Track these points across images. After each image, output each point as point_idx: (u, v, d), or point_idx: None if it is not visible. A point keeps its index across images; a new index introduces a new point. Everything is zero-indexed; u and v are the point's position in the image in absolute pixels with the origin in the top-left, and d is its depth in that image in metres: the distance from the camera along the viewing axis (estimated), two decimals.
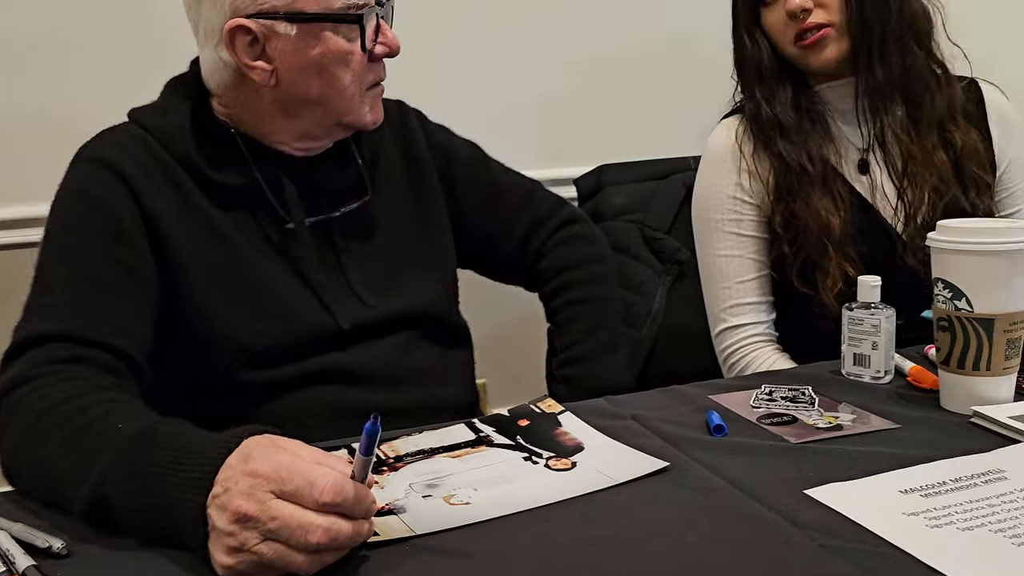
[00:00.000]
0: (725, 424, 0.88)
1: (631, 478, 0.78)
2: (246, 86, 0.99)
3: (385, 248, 1.09)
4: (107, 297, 0.92)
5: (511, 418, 0.94)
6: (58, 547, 0.68)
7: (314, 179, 1.04)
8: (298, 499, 0.61)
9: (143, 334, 0.93)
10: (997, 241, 0.88)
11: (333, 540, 0.61)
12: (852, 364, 1.03)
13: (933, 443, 0.84)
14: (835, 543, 0.66)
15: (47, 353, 0.86)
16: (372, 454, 0.64)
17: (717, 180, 1.29)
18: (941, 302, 0.92)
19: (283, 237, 1.01)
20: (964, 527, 0.68)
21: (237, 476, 0.62)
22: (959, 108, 1.25)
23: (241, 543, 0.61)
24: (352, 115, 1.01)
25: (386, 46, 0.99)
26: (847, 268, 1.19)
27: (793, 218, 1.23)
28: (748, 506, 0.73)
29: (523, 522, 0.72)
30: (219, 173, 0.99)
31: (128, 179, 0.95)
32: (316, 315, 1.00)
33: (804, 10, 1.20)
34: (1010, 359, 0.90)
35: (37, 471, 0.76)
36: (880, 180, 1.25)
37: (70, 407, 0.78)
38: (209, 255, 0.97)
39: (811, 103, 1.26)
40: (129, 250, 0.94)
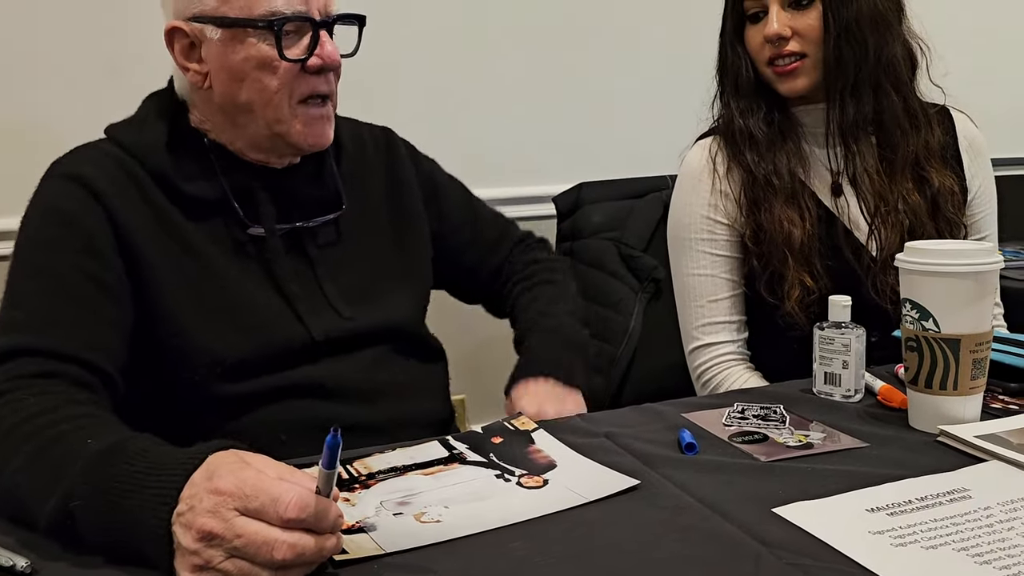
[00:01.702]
0: (696, 443, 0.89)
1: (602, 496, 0.78)
2: (198, 91, 1.01)
3: (361, 262, 1.09)
4: (79, 311, 0.91)
5: (484, 435, 0.94)
6: (22, 566, 0.67)
7: (288, 189, 1.04)
8: (263, 516, 0.61)
9: (116, 348, 0.93)
10: (964, 263, 0.89)
11: (299, 556, 0.61)
12: (823, 383, 1.04)
13: (901, 462, 0.85)
14: (802, 562, 0.67)
15: (19, 367, 0.85)
16: (335, 467, 0.64)
17: (691, 199, 1.30)
18: (909, 322, 0.93)
19: (256, 248, 1.01)
20: (928, 545, 0.69)
21: (201, 494, 0.62)
22: (936, 151, 1.26)
23: (206, 561, 0.61)
24: (282, 126, 0.99)
25: (320, 59, 0.99)
26: (805, 278, 1.21)
27: (760, 230, 1.25)
28: (717, 524, 0.73)
29: (493, 540, 0.72)
30: (192, 185, 0.99)
31: (100, 195, 0.95)
32: (289, 327, 1.00)
33: (781, 38, 1.22)
34: (976, 379, 0.92)
35: (5, 485, 0.75)
36: (851, 211, 1.26)
37: (41, 421, 0.77)
38: (182, 269, 0.97)
39: (785, 122, 1.28)
40: (101, 265, 0.94)
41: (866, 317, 1.07)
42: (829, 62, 1.21)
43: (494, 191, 1.99)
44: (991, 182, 1.33)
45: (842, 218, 1.25)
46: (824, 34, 1.21)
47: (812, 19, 1.21)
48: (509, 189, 1.99)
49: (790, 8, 1.22)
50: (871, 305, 1.19)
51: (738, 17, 1.27)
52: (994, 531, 0.70)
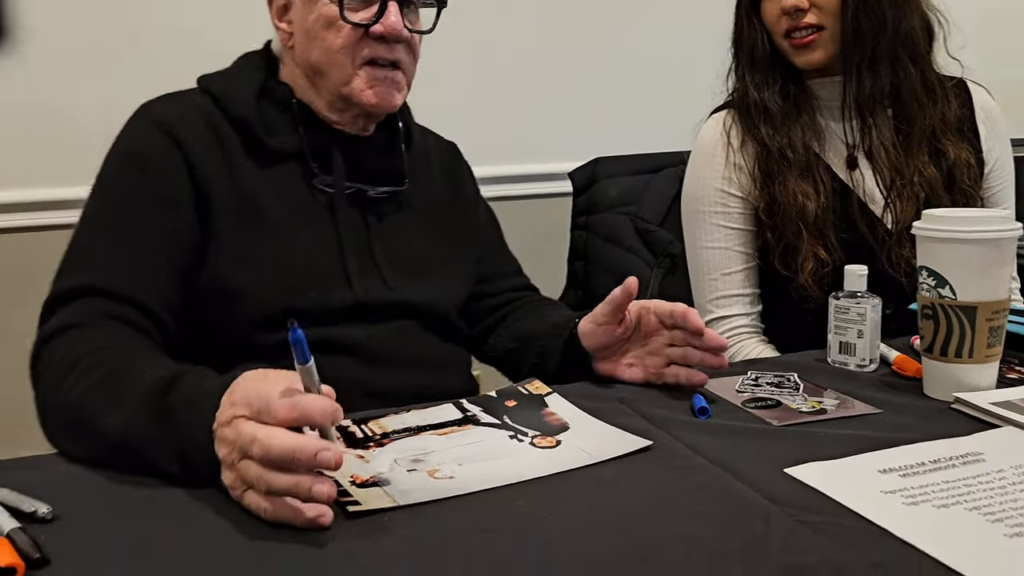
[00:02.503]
0: (709, 407, 0.89)
1: (614, 456, 0.79)
2: (287, 51, 1.07)
3: (412, 242, 1.12)
4: (146, 258, 0.95)
5: (498, 399, 0.94)
6: (43, 512, 0.68)
7: (358, 155, 1.08)
8: (262, 418, 0.67)
9: (173, 295, 0.97)
10: (981, 230, 0.89)
11: (267, 452, 0.65)
12: (838, 352, 1.04)
13: (914, 427, 0.85)
14: (813, 519, 0.67)
15: (90, 305, 0.91)
16: (309, 359, 0.68)
17: (705, 173, 1.30)
18: (925, 290, 0.93)
19: (322, 203, 1.05)
20: (940, 505, 0.69)
21: (225, 409, 0.69)
22: (953, 123, 1.25)
23: (231, 463, 0.68)
24: (347, 87, 1.04)
25: (382, 27, 1.02)
26: (819, 251, 1.20)
27: (774, 203, 1.24)
28: (728, 483, 0.74)
29: (506, 496, 0.72)
30: (273, 138, 1.03)
31: (182, 143, 0.98)
32: (337, 284, 1.03)
33: (798, 9, 1.20)
34: (992, 347, 0.91)
35: (70, 408, 0.81)
36: (867, 184, 1.25)
37: (107, 353, 0.84)
38: (247, 218, 1.00)
39: (800, 95, 1.27)
40: (173, 214, 0.97)
41: (881, 290, 1.06)
42: (847, 34, 1.20)
43: (511, 168, 2.00)
44: (1009, 155, 1.32)
45: (857, 191, 1.25)
46: (842, 6, 1.20)
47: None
48: (526, 165, 1.99)
49: None
50: (886, 278, 1.19)
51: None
52: (1006, 493, 0.70)
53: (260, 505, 0.67)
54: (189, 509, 0.70)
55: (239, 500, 0.69)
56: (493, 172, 1.96)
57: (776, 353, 1.23)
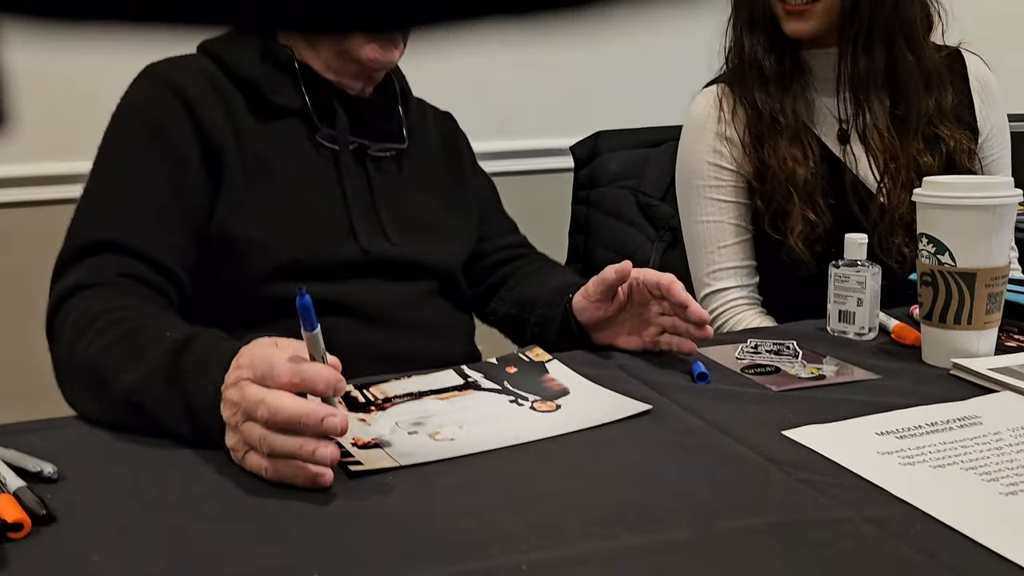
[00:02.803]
0: (708, 373, 0.90)
1: (614, 419, 0.80)
2: None
3: (414, 199, 1.13)
4: (159, 214, 0.96)
5: (499, 365, 0.95)
6: (49, 471, 0.69)
7: (360, 114, 1.09)
8: (264, 381, 0.67)
9: (188, 252, 0.98)
10: (981, 196, 0.89)
11: (273, 414, 0.65)
12: (837, 321, 1.05)
13: (912, 392, 0.85)
14: (811, 478, 0.68)
15: (104, 264, 0.92)
16: (316, 327, 0.68)
17: (697, 147, 1.29)
18: (925, 257, 0.93)
19: (326, 158, 1.06)
20: (936, 465, 0.69)
21: (232, 372, 0.70)
22: (950, 112, 1.23)
23: (235, 425, 0.69)
24: (348, 42, 1.04)
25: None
26: (808, 214, 1.20)
27: (764, 168, 1.24)
28: (727, 445, 0.74)
29: (506, 457, 0.73)
30: (277, 95, 1.04)
31: (190, 103, 0.99)
32: (342, 236, 1.04)
33: None
34: (991, 313, 0.92)
35: (89, 366, 0.81)
36: (859, 166, 1.24)
37: (125, 312, 0.85)
38: (253, 175, 1.00)
39: (794, 65, 1.25)
40: (183, 171, 0.98)
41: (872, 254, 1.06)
42: (845, 7, 1.18)
43: (512, 143, 1.99)
44: (1004, 125, 1.31)
45: (850, 167, 1.24)
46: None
47: None
48: (527, 139, 1.99)
49: None
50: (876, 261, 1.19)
51: None
52: (1003, 453, 0.71)
53: (261, 465, 0.67)
54: (195, 469, 0.71)
55: (240, 463, 0.69)
56: (495, 147, 1.96)
57: (774, 323, 1.23)
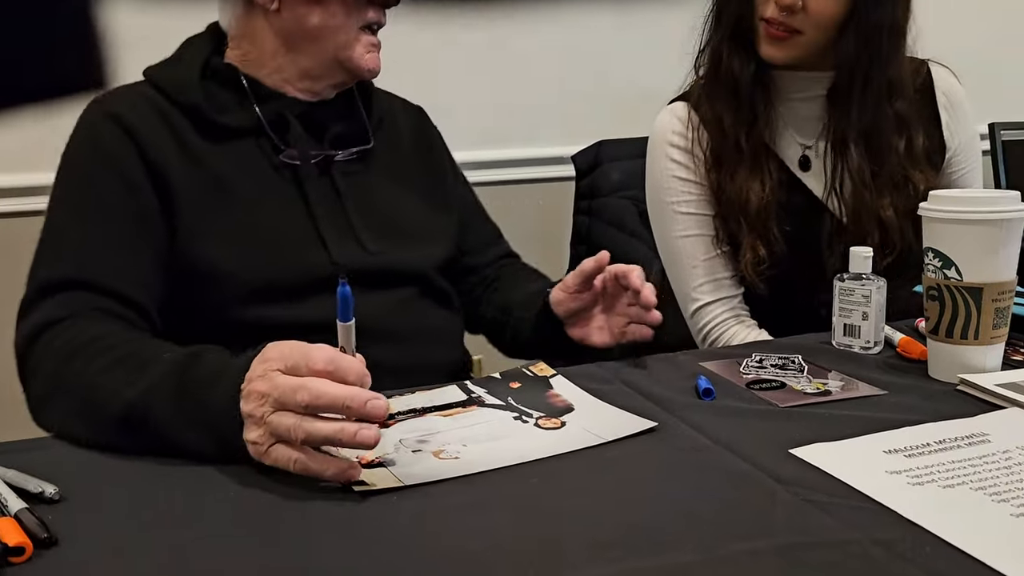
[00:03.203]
0: (714, 388, 0.89)
1: (619, 436, 0.79)
2: (255, 17, 1.04)
3: (388, 202, 1.11)
4: (120, 247, 0.95)
5: (503, 380, 0.94)
6: (50, 492, 0.68)
7: (319, 121, 1.07)
8: (297, 371, 0.69)
9: (153, 282, 0.97)
10: (988, 210, 0.89)
11: (316, 398, 0.66)
12: (842, 334, 1.04)
13: (919, 408, 0.85)
14: (818, 498, 0.67)
15: (72, 299, 0.90)
16: (350, 318, 0.69)
17: (664, 163, 1.28)
18: (931, 271, 0.92)
19: (288, 174, 1.04)
20: (945, 485, 0.69)
21: (255, 368, 0.71)
22: (921, 155, 1.22)
23: (260, 417, 0.69)
24: (346, 51, 1.04)
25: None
26: (758, 246, 1.20)
27: (720, 190, 1.23)
28: (734, 463, 0.74)
29: (511, 476, 0.72)
30: (225, 115, 1.03)
31: (134, 132, 0.98)
32: (314, 252, 1.02)
33: (791, 10, 1.14)
34: (998, 328, 0.91)
35: (78, 389, 0.81)
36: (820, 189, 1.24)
37: (112, 339, 0.84)
38: (211, 198, 0.99)
39: (768, 83, 1.23)
40: (138, 200, 0.97)
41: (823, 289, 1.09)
42: (847, 61, 1.16)
43: (514, 151, 1.99)
44: (973, 136, 1.29)
45: (814, 194, 1.24)
46: (843, 33, 1.15)
47: (826, 2, 1.14)
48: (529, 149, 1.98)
49: None
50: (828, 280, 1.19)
51: None
52: (1012, 473, 0.70)
53: (289, 457, 0.68)
54: (197, 489, 0.70)
55: (262, 456, 0.69)
56: (496, 156, 1.96)
57: (767, 336, 1.23)
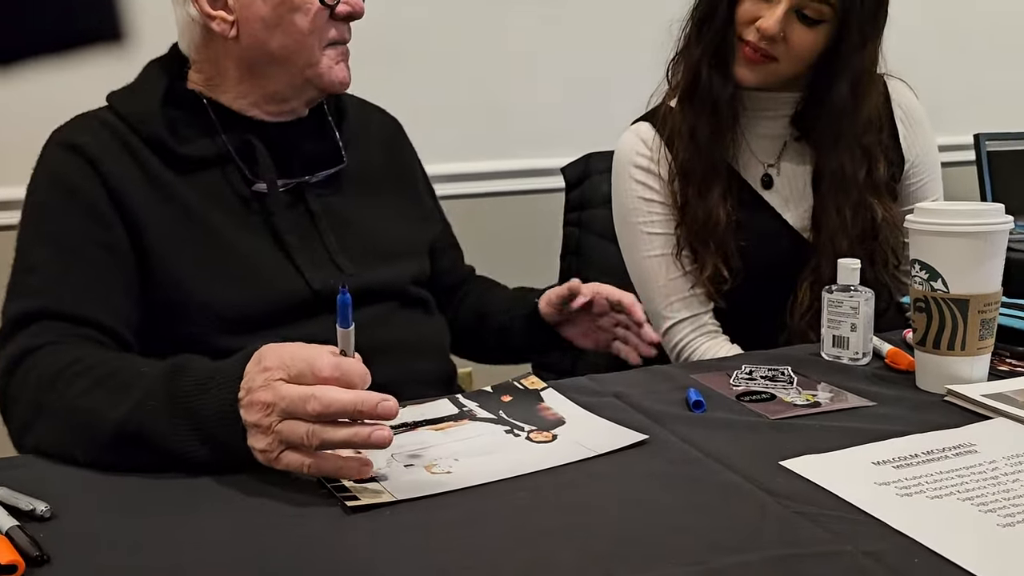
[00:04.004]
0: (704, 401, 0.90)
1: (610, 450, 0.79)
2: (214, 44, 1.02)
3: (363, 220, 1.10)
4: (91, 276, 0.94)
5: (494, 394, 0.95)
6: (42, 510, 0.68)
7: (287, 144, 1.05)
8: (303, 379, 0.70)
9: (127, 311, 0.96)
10: (973, 223, 0.90)
11: (327, 407, 0.68)
12: (831, 346, 1.05)
13: (907, 419, 0.85)
14: (808, 510, 0.67)
15: (44, 329, 0.89)
16: (350, 325, 0.71)
17: (629, 184, 1.29)
18: (918, 283, 0.93)
19: (258, 202, 1.02)
20: (933, 495, 0.69)
21: (254, 375, 0.71)
22: (882, 183, 1.23)
23: (267, 427, 0.70)
24: (313, 69, 1.02)
25: (349, 6, 1.02)
26: (719, 263, 1.22)
27: (686, 205, 1.24)
28: (724, 476, 0.74)
29: (503, 490, 0.73)
30: (189, 145, 1.01)
31: (96, 163, 0.97)
32: (288, 279, 1.01)
33: (772, 39, 1.15)
34: (984, 339, 0.92)
35: (61, 414, 0.80)
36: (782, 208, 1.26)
37: (89, 361, 0.83)
38: (180, 228, 0.98)
39: (736, 102, 1.24)
40: (106, 230, 0.96)
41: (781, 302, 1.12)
42: (835, 107, 1.18)
43: (503, 163, 2.00)
44: (931, 147, 1.30)
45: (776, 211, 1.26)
46: (830, 76, 1.17)
47: (809, 38, 1.15)
48: (519, 161, 1.99)
49: (796, 15, 1.14)
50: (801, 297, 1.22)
51: None
52: (999, 483, 0.71)
53: (302, 462, 0.70)
54: (188, 506, 0.70)
55: (272, 463, 0.71)
56: (486, 168, 1.97)
57: (738, 349, 1.23)
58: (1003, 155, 2.12)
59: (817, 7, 1.13)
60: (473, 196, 1.91)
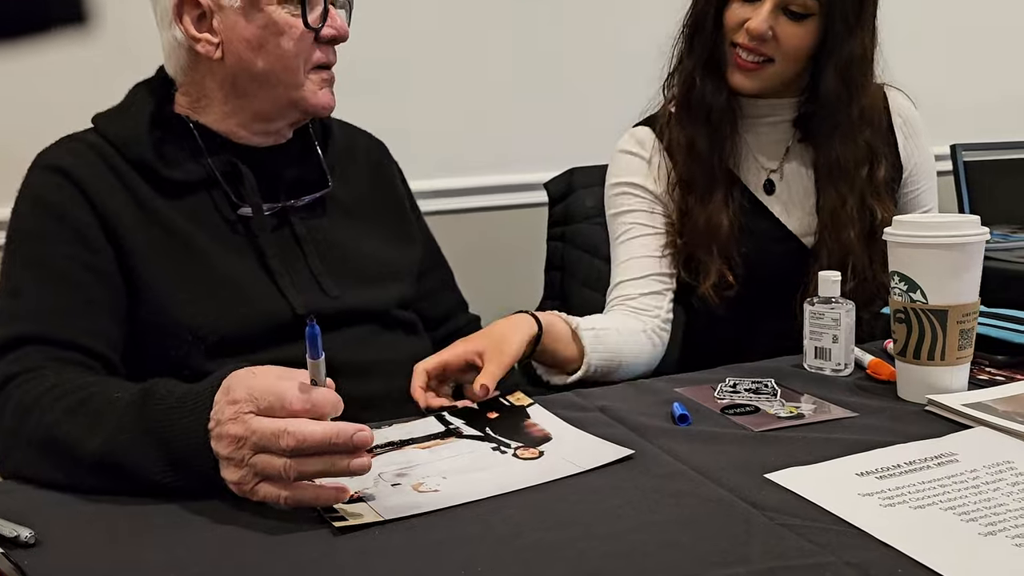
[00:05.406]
0: (689, 414, 0.90)
1: (597, 465, 0.80)
2: (200, 66, 1.03)
3: (348, 243, 1.10)
4: (77, 300, 0.94)
5: (480, 411, 0.95)
6: (26, 536, 0.68)
7: (273, 168, 1.06)
8: (273, 412, 0.70)
9: (114, 334, 0.95)
10: (950, 235, 0.91)
11: (302, 442, 0.68)
12: (813, 357, 1.06)
13: (889, 430, 0.86)
14: (792, 522, 0.68)
15: (27, 355, 0.89)
16: (320, 355, 0.71)
17: (614, 172, 1.30)
18: (897, 294, 0.94)
19: (243, 226, 1.03)
20: (916, 506, 0.70)
21: (223, 407, 0.71)
22: (882, 183, 1.24)
23: (240, 459, 0.70)
24: (298, 92, 1.02)
25: (333, 29, 1.03)
26: (724, 270, 1.22)
27: (687, 214, 1.25)
28: (710, 490, 0.75)
29: (490, 507, 0.73)
30: (175, 169, 1.01)
31: (82, 185, 0.97)
32: (272, 303, 1.01)
33: (761, 38, 1.16)
34: (963, 349, 0.93)
35: (37, 443, 0.80)
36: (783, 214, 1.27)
37: (67, 387, 0.83)
38: (165, 251, 0.98)
39: (734, 109, 1.25)
40: (92, 253, 0.96)
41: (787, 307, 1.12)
42: (827, 96, 1.19)
43: (487, 178, 2.00)
44: (928, 157, 1.32)
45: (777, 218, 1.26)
46: (821, 68, 1.18)
47: (798, 33, 1.16)
48: (502, 175, 2.00)
49: (783, 12, 1.15)
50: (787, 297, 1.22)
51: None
52: (980, 492, 0.72)
53: (278, 495, 0.70)
54: (175, 531, 0.70)
55: (247, 495, 0.71)
56: (469, 183, 1.97)
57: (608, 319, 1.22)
58: (980, 165, 2.15)
59: (802, 1, 1.15)
60: (457, 212, 1.91)
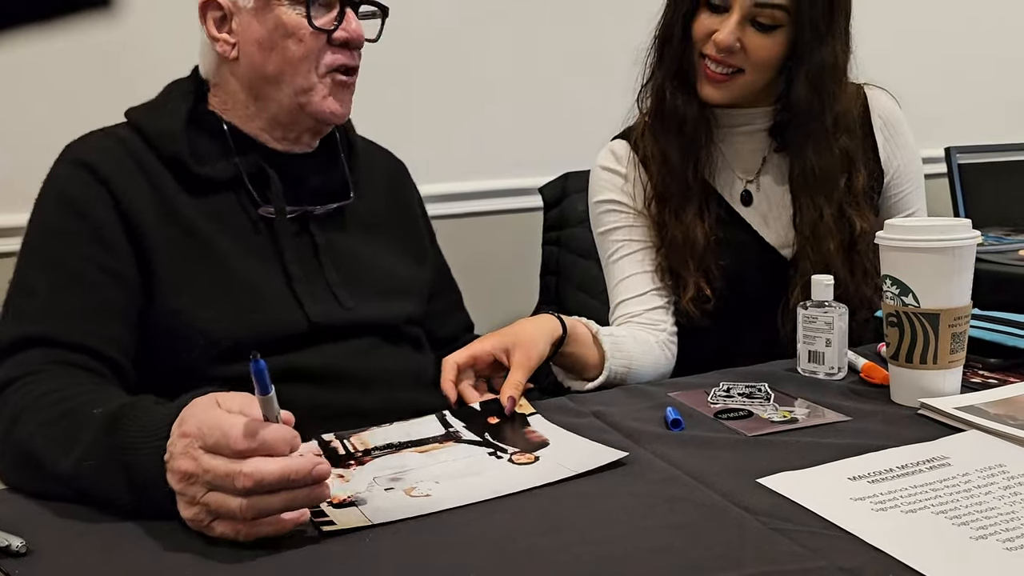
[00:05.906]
0: (682, 419, 0.91)
1: (590, 469, 0.80)
2: (223, 67, 1.04)
3: (363, 254, 1.11)
4: (90, 301, 0.94)
5: (482, 413, 0.95)
6: (17, 545, 0.67)
7: (297, 174, 1.06)
8: (219, 450, 0.66)
9: (125, 337, 0.95)
10: (942, 238, 0.91)
11: (259, 483, 0.65)
12: (807, 361, 1.06)
13: (883, 434, 0.86)
14: (785, 527, 0.68)
15: (31, 358, 0.89)
16: (269, 390, 0.67)
17: (604, 196, 1.30)
18: (889, 298, 0.95)
19: (265, 228, 1.03)
20: (908, 510, 0.70)
21: (175, 440, 0.69)
22: (860, 192, 1.23)
23: (192, 496, 0.67)
24: (306, 95, 1.02)
25: (346, 32, 1.02)
26: (701, 282, 1.22)
27: (663, 229, 1.24)
28: (703, 494, 0.75)
29: (483, 512, 0.73)
30: (204, 167, 1.01)
31: (107, 181, 0.97)
32: (287, 310, 1.01)
33: (729, 50, 1.15)
34: (955, 352, 0.93)
35: (23, 454, 0.79)
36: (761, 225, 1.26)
37: (50, 398, 0.82)
38: (186, 251, 0.98)
39: (709, 119, 1.24)
40: (110, 254, 0.95)
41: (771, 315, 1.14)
42: (799, 106, 1.18)
43: (482, 183, 2.00)
44: (913, 157, 1.29)
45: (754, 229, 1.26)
46: (791, 78, 1.17)
47: (767, 44, 1.15)
48: (497, 181, 2.00)
49: (751, 23, 1.14)
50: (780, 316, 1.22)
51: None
52: (972, 495, 0.72)
53: (236, 531, 0.67)
54: (166, 538, 0.70)
55: (204, 531, 0.68)
56: (464, 188, 1.97)
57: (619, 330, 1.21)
58: (974, 168, 2.16)
59: (770, 12, 1.14)
60: (453, 216, 1.91)
